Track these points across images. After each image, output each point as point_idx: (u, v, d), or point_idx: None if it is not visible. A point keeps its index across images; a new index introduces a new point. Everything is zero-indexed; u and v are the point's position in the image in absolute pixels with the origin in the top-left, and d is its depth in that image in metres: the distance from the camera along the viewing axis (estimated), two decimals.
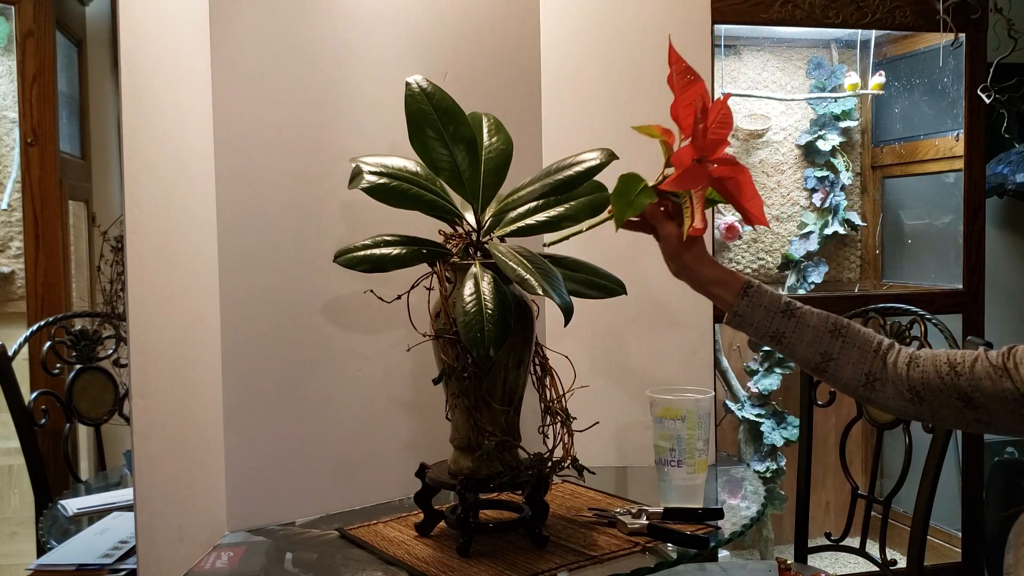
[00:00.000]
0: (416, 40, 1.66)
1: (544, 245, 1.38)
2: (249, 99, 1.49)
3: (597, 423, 1.43)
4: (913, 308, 1.96)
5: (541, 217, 1.41)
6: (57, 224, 2.57)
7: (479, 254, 1.39)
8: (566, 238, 1.35)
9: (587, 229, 1.34)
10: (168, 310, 1.29)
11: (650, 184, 1.26)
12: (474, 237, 1.41)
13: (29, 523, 2.49)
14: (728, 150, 1.26)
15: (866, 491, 2.01)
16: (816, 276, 3.20)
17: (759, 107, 3.20)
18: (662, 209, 1.28)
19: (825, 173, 3.23)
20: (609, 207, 1.27)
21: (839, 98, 3.20)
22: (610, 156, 1.37)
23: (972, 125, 2.80)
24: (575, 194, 1.41)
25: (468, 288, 1.28)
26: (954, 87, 2.96)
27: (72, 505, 1.66)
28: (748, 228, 3.24)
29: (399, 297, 1.42)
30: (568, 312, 1.26)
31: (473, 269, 1.32)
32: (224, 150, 1.47)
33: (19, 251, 2.84)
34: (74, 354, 2.11)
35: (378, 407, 1.63)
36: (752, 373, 3.04)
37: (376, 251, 1.36)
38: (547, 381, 1.41)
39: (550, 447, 1.39)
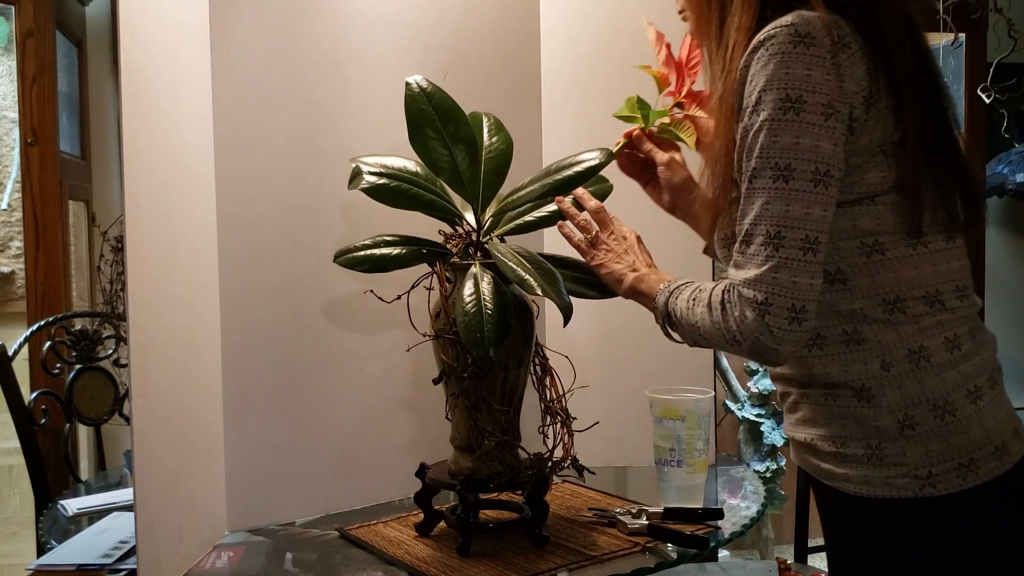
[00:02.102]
0: (416, 40, 1.66)
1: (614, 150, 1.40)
2: (249, 99, 1.49)
3: (597, 423, 1.43)
4: None
5: (541, 214, 1.41)
6: (57, 224, 2.57)
7: (479, 254, 1.39)
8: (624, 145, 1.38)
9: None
10: (168, 310, 1.29)
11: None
12: (474, 237, 1.41)
13: (29, 523, 2.50)
14: None
15: None
16: None
17: None
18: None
19: None
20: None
21: None
22: (609, 156, 1.38)
23: (972, 125, 2.80)
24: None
25: (468, 288, 1.28)
26: (954, 87, 2.96)
27: (72, 505, 1.66)
28: None
29: (399, 297, 1.42)
30: (567, 312, 1.26)
31: (473, 269, 1.32)
32: (224, 150, 1.47)
33: (19, 251, 2.84)
34: (74, 354, 2.11)
35: (378, 407, 1.63)
36: (752, 373, 3.04)
37: (376, 251, 1.36)
38: (547, 381, 1.41)
39: (550, 447, 1.39)
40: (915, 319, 1.01)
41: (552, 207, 1.40)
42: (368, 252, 1.36)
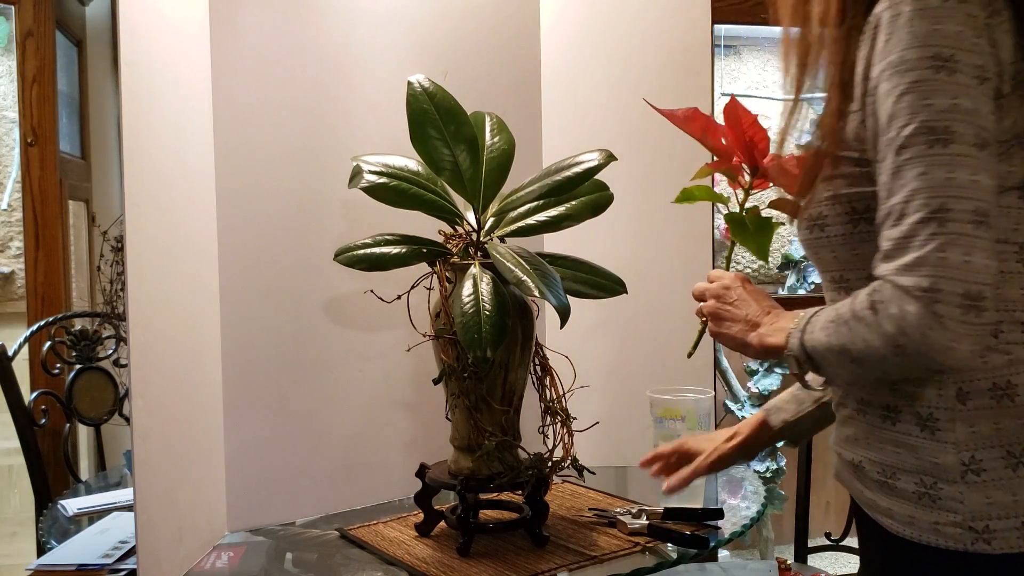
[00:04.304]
0: (416, 40, 1.66)
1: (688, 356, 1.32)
2: (249, 98, 1.49)
3: (597, 423, 1.43)
4: None
5: (541, 217, 1.41)
6: (57, 224, 2.57)
7: (479, 254, 1.39)
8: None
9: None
10: (168, 310, 1.29)
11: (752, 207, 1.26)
12: (474, 237, 1.41)
13: (29, 523, 2.49)
14: None
15: None
16: (816, 276, 3.20)
17: (759, 107, 3.21)
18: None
19: None
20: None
21: None
22: (609, 157, 1.37)
23: None
24: (576, 194, 1.41)
25: (466, 289, 1.28)
26: None
27: (72, 505, 1.66)
28: None
29: (399, 297, 1.42)
30: (564, 314, 1.26)
31: (472, 270, 1.32)
32: (224, 149, 1.47)
33: (19, 251, 2.84)
34: (74, 354, 2.11)
35: (378, 407, 1.63)
36: (752, 373, 3.04)
37: (376, 250, 1.36)
38: (547, 381, 1.41)
39: (550, 447, 1.39)
40: (1007, 348, 0.87)
41: (554, 212, 1.40)
42: (368, 251, 1.36)
